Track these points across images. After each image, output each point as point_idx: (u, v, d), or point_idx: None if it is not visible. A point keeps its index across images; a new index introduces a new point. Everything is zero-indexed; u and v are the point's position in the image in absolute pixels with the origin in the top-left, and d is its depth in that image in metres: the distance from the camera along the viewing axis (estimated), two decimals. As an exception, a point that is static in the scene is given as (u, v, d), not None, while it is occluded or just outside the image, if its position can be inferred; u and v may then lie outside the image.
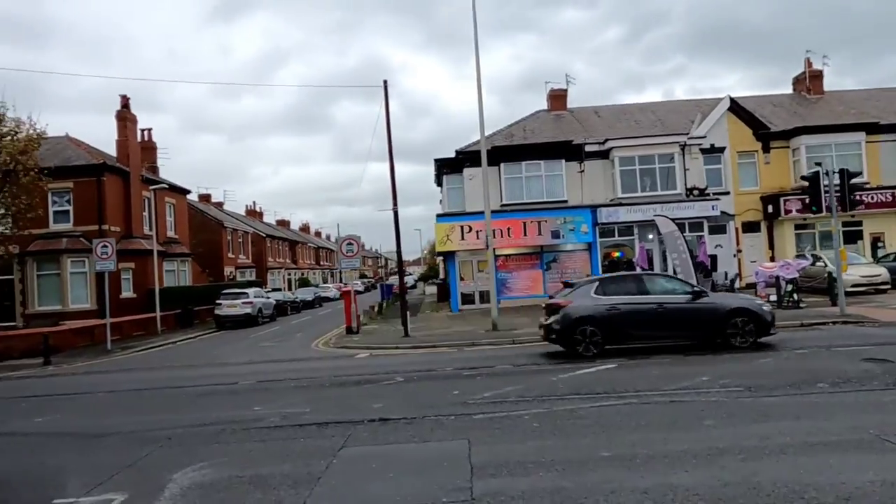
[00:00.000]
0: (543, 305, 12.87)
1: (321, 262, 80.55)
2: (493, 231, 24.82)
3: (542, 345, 13.99)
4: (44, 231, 26.45)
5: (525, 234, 25.75)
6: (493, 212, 23.72)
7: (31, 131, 20.80)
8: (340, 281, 71.02)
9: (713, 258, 24.10)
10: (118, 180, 29.09)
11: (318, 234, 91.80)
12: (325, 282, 70.49)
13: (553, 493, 4.65)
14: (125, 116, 30.50)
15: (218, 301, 27.45)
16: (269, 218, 68.74)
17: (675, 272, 21.28)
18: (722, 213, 25.86)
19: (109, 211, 27.97)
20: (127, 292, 28.45)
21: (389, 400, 8.45)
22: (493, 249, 25.30)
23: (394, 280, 62.96)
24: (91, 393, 11.50)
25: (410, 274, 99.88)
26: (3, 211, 21.22)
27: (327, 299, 48.30)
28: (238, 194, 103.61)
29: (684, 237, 19.71)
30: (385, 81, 22.06)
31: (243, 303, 27.32)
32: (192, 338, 23.87)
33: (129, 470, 6.04)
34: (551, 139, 27.59)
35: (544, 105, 32.37)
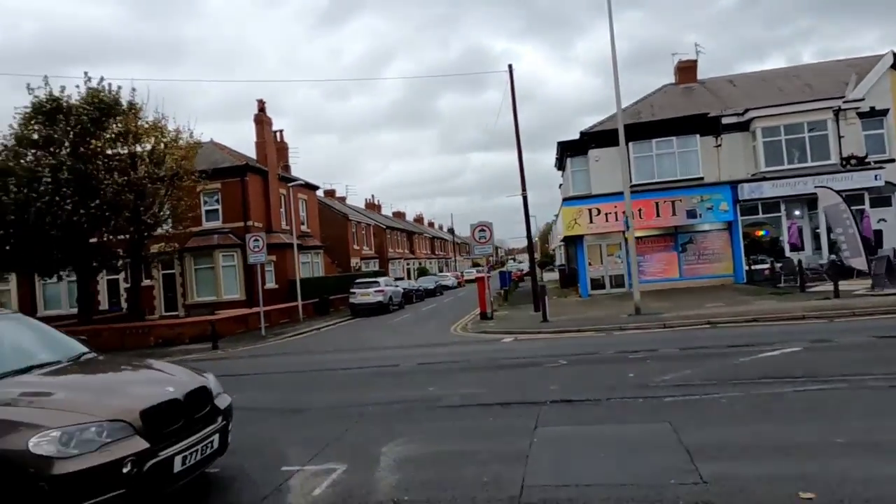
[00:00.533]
0: None
1: (436, 252, 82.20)
2: (623, 213, 24.08)
3: (699, 328, 13.33)
4: (198, 229, 29.03)
5: (658, 215, 24.61)
6: (622, 193, 22.94)
7: (189, 139, 22.82)
8: (456, 269, 72.13)
9: (878, 234, 21.73)
10: (258, 179, 31.28)
11: (430, 224, 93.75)
12: (440, 271, 71.81)
13: (797, 480, 4.33)
14: (262, 119, 32.69)
15: (352, 290, 28.80)
16: (386, 210, 71.15)
17: (838, 249, 19.45)
18: (886, 182, 23.23)
19: (252, 208, 30.16)
20: (270, 283, 30.56)
21: (563, 382, 8.37)
22: (628, 231, 24.55)
23: (510, 267, 62.89)
24: (266, 373, 12.45)
25: (521, 262, 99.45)
26: (168, 212, 23.48)
27: (447, 287, 49.14)
28: (353, 189, 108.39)
29: (851, 210, 17.88)
30: (510, 66, 21.96)
31: (375, 291, 28.43)
32: (332, 325, 25.19)
33: (337, 443, 6.42)
34: (683, 113, 26.08)
35: (659, 82, 30.85)
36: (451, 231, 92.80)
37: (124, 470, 4.16)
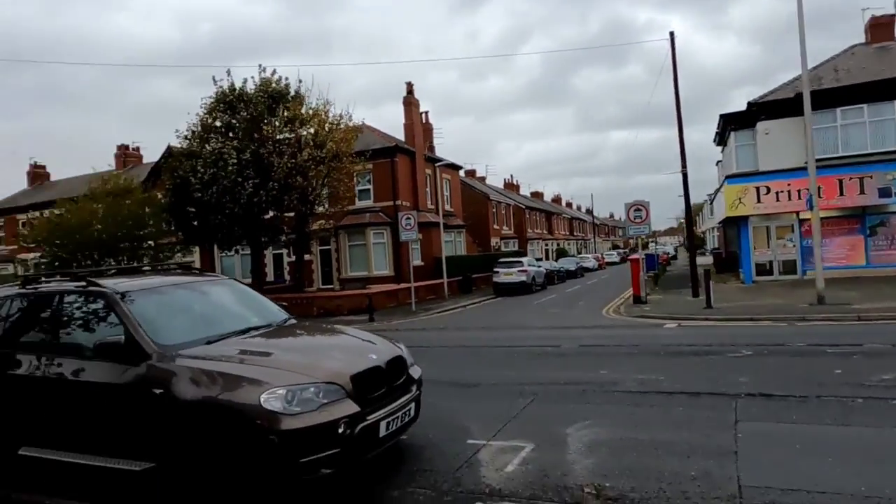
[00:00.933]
0: None
1: (574, 233, 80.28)
2: (798, 192, 21.69)
3: (907, 323, 11.61)
4: (352, 208, 30.66)
5: (841, 194, 21.83)
6: (798, 169, 20.77)
7: (349, 123, 24.02)
8: (595, 251, 70.00)
9: None
10: (406, 160, 32.28)
11: (568, 204, 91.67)
12: (579, 252, 70.07)
13: None
14: (410, 101, 33.61)
15: (495, 269, 28.94)
16: (524, 190, 70.59)
17: None
18: None
19: (401, 188, 31.22)
20: (416, 260, 31.54)
21: (753, 374, 7.62)
22: (799, 213, 22.21)
23: (653, 250, 59.69)
24: (428, 347, 12.76)
25: (664, 245, 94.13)
26: (327, 191, 24.98)
27: (587, 269, 47.79)
28: (492, 169, 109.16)
29: None
30: (671, 33, 20.55)
31: (518, 271, 28.33)
32: (477, 303, 25.50)
33: (516, 420, 6.34)
34: (876, 77, 22.72)
35: (833, 46, 27.03)
36: (589, 211, 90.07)
37: (339, 430, 4.36)
